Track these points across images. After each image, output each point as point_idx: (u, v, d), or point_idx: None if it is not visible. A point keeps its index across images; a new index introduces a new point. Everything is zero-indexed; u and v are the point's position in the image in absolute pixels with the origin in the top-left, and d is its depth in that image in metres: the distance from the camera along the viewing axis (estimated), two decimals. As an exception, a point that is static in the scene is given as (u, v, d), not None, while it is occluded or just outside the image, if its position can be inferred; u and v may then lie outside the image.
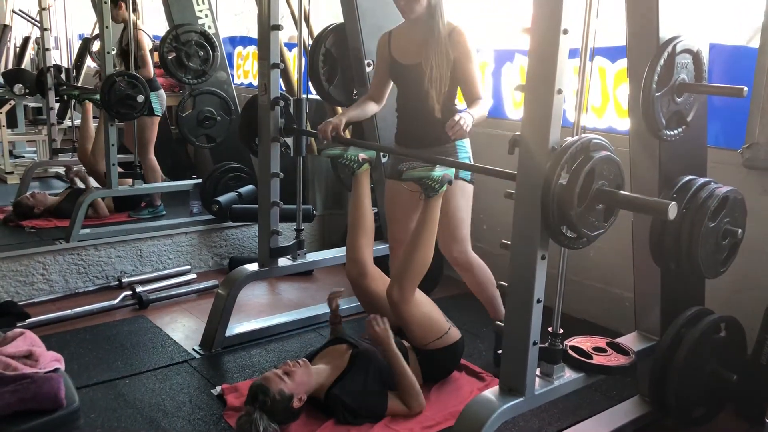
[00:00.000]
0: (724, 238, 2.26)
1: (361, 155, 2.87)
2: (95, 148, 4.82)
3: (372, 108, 3.00)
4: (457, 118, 2.50)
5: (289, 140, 3.23)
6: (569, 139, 1.90)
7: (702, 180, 2.27)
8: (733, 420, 2.63)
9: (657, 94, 2.10)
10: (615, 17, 2.46)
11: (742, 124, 2.87)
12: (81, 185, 4.84)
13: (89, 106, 5.04)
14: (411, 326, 2.68)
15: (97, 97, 4.18)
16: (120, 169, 4.59)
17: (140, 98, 4.13)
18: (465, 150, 2.89)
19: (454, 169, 2.63)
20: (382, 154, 3.48)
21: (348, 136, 3.88)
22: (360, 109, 2.98)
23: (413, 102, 2.82)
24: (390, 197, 3.05)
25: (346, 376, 2.55)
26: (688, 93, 2.20)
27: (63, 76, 5.66)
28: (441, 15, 2.68)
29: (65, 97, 5.63)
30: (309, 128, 3.35)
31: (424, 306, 2.72)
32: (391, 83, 2.96)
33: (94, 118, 5.29)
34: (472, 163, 2.98)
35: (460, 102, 2.87)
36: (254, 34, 6.18)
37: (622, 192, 1.92)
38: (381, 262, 3.21)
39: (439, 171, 2.54)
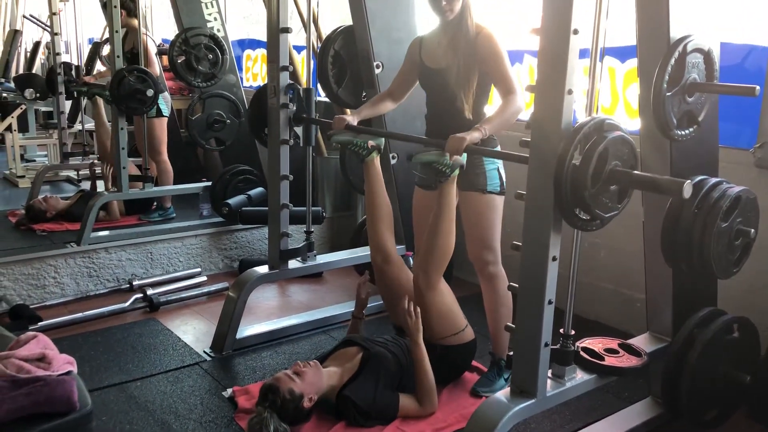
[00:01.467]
0: (736, 238, 2.25)
1: (371, 142, 2.88)
2: (112, 141, 4.80)
3: (388, 105, 2.97)
4: (459, 135, 2.43)
5: (299, 130, 3.23)
6: (582, 120, 1.89)
7: (714, 180, 2.25)
8: (746, 422, 2.61)
9: (668, 93, 2.09)
10: (624, 17, 2.45)
11: (754, 124, 2.86)
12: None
13: (101, 104, 5.07)
14: (432, 316, 2.68)
15: (107, 92, 4.20)
16: (136, 171, 4.62)
17: (150, 92, 4.14)
18: (493, 161, 2.73)
19: (465, 154, 2.55)
20: (391, 156, 3.49)
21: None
22: (375, 106, 2.96)
23: (441, 106, 2.78)
24: (421, 205, 2.95)
25: (358, 378, 2.55)
26: (699, 92, 2.18)
27: (73, 73, 5.68)
28: (471, 16, 2.64)
29: (75, 94, 5.66)
30: (318, 132, 3.35)
31: (447, 297, 2.73)
32: (414, 85, 2.92)
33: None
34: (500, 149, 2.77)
35: (490, 104, 2.83)
36: (256, 37, 6.21)
37: (636, 172, 1.90)
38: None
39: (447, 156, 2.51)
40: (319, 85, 3.60)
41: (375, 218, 2.91)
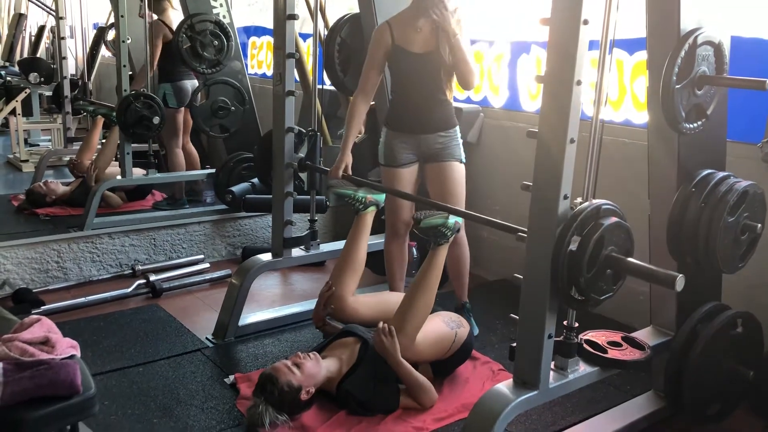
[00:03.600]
0: (743, 233, 2.24)
1: (369, 197, 2.93)
2: (101, 157, 4.78)
3: (364, 109, 3.05)
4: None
5: (304, 175, 3.33)
6: (579, 204, 1.92)
7: (721, 174, 2.24)
8: (748, 417, 2.61)
9: (677, 86, 2.08)
10: (633, 8, 2.43)
11: (762, 118, 2.84)
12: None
13: (100, 121, 5.07)
14: (422, 353, 2.65)
15: (113, 114, 4.25)
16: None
17: (156, 120, 4.22)
18: (458, 137, 3.03)
19: (462, 219, 2.74)
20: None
21: (362, 130, 3.88)
22: (357, 121, 3.04)
23: (421, 89, 2.92)
24: (390, 182, 3.07)
25: (357, 370, 2.54)
26: (708, 86, 2.17)
27: (79, 90, 5.71)
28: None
29: (81, 111, 5.69)
30: (324, 124, 3.35)
31: (429, 334, 2.67)
32: (381, 75, 3.03)
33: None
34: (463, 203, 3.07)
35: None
36: (262, 24, 6.18)
37: (630, 259, 1.94)
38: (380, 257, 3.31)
39: (452, 219, 2.64)
40: (324, 73, 3.59)
41: (345, 268, 2.87)
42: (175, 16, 4.66)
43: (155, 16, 4.47)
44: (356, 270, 2.89)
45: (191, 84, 4.65)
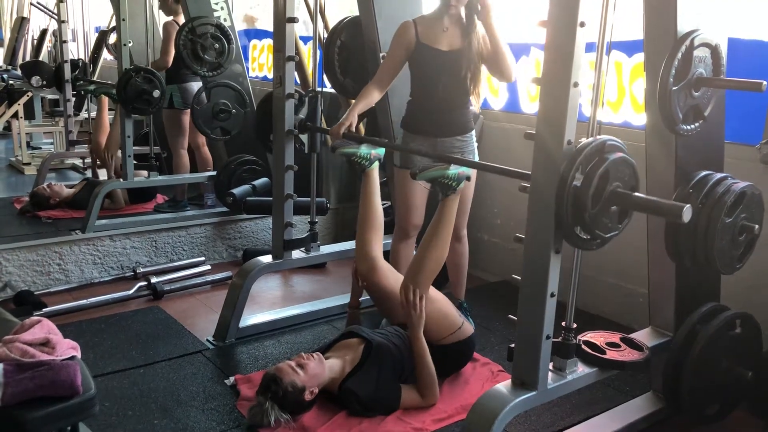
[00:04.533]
0: (740, 234, 2.25)
1: (373, 152, 2.91)
2: (110, 141, 4.85)
3: (377, 96, 3.01)
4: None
5: (304, 137, 3.25)
6: (584, 140, 1.89)
7: (719, 175, 2.25)
8: (747, 417, 2.61)
9: (674, 87, 2.08)
10: (631, 11, 2.44)
11: (760, 120, 2.85)
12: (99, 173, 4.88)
13: (105, 99, 5.08)
14: (426, 322, 2.67)
15: (113, 91, 4.22)
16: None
17: (156, 93, 4.18)
18: (474, 142, 3.03)
19: (467, 169, 2.66)
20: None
21: (362, 131, 3.89)
22: (367, 99, 2.98)
23: (443, 89, 2.89)
24: (404, 185, 3.06)
25: (360, 370, 2.55)
26: (705, 87, 2.18)
27: (80, 70, 5.70)
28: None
29: (82, 92, 5.68)
30: (324, 124, 3.36)
31: (438, 302, 2.73)
32: (400, 72, 3.00)
33: (110, 110, 5.33)
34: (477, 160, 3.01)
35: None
36: (262, 27, 6.19)
37: (636, 194, 1.91)
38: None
39: (453, 169, 2.57)
40: (324, 76, 3.60)
41: (366, 227, 2.88)
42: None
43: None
44: (378, 228, 2.90)
45: (197, 85, 4.67)
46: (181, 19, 4.61)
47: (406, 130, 3.05)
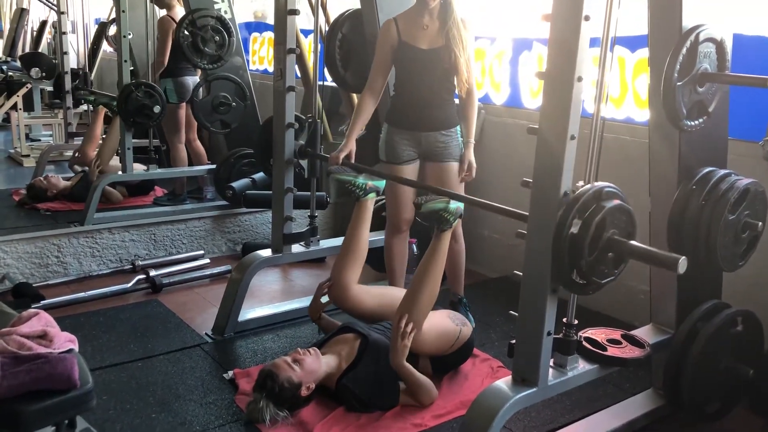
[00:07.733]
0: (743, 231, 2.23)
1: (370, 183, 2.90)
2: (103, 150, 4.80)
3: (372, 106, 3.03)
4: (466, 165, 2.97)
5: (304, 162, 3.29)
6: (581, 185, 1.90)
7: (722, 172, 2.23)
8: (748, 415, 2.61)
9: (678, 83, 2.07)
10: (635, 5, 2.42)
11: (764, 116, 2.83)
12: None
13: (102, 111, 5.07)
14: (426, 345, 2.64)
15: (114, 103, 4.22)
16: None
17: (157, 108, 4.20)
18: (458, 137, 3.04)
19: (462, 204, 2.65)
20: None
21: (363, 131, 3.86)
22: (363, 115, 3.02)
23: (426, 86, 2.92)
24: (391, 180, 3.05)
25: (356, 366, 2.53)
26: (710, 83, 2.16)
27: (80, 80, 5.71)
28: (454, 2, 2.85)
29: (81, 101, 5.68)
30: (325, 119, 3.35)
31: (434, 326, 2.66)
32: (390, 70, 3.02)
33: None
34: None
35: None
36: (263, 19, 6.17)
37: (632, 242, 1.91)
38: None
39: (453, 204, 2.57)
40: (325, 69, 3.58)
41: (347, 257, 2.84)
42: (181, 13, 4.66)
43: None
44: (358, 258, 2.86)
45: (192, 80, 4.64)
46: (176, 14, 4.58)
47: (389, 124, 3.05)
